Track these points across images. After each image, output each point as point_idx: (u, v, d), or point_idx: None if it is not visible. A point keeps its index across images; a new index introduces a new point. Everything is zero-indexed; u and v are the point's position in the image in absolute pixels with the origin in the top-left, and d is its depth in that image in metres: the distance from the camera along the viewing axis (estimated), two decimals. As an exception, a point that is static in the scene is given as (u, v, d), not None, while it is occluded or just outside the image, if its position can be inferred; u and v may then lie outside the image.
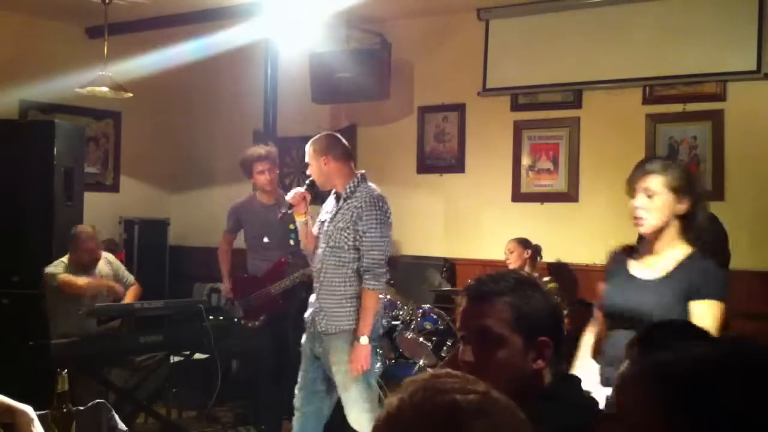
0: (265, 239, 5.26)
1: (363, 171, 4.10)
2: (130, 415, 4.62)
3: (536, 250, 5.31)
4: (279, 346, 5.12)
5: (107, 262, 5.36)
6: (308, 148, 4.06)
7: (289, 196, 4.11)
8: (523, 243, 5.26)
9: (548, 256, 5.49)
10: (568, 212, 5.67)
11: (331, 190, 4.08)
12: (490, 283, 1.82)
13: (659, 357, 1.18)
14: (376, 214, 3.89)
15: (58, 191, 5.58)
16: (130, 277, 5.47)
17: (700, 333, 1.29)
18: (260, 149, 5.33)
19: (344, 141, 4.14)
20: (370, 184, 4.03)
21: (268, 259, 5.22)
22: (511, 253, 5.23)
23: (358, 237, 3.88)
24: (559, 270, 5.53)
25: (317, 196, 4.16)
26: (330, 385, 4.03)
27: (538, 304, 1.80)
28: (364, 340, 3.84)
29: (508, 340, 1.76)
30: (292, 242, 4.86)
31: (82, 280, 5.02)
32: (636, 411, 1.16)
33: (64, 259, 5.17)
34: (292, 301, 5.06)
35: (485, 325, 1.78)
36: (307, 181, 4.08)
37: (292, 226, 4.62)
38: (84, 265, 5.18)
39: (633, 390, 1.18)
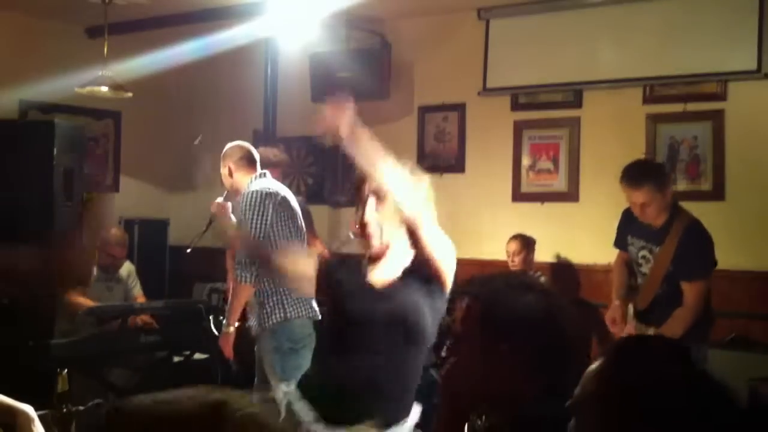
0: None
1: (265, 171, 4.24)
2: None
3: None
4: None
5: (127, 267, 5.49)
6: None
7: (213, 208, 4.39)
8: (528, 244, 5.24)
9: (548, 256, 5.49)
10: (568, 212, 5.66)
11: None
12: (475, 285, 1.86)
13: (623, 374, 1.21)
14: (248, 208, 4.02)
15: (57, 191, 5.57)
16: (139, 291, 5.60)
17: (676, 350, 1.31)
18: (270, 153, 5.00)
19: (250, 149, 4.30)
20: (264, 180, 4.18)
21: None
22: (518, 255, 5.20)
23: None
24: (560, 270, 5.53)
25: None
26: None
27: (511, 309, 1.75)
28: (225, 328, 4.12)
29: (471, 345, 1.78)
30: None
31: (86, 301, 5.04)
32: (593, 424, 1.19)
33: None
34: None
35: (460, 320, 1.84)
36: (226, 191, 4.36)
37: None
38: (104, 266, 5.29)
39: (592, 401, 1.21)
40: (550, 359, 1.74)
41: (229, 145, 4.36)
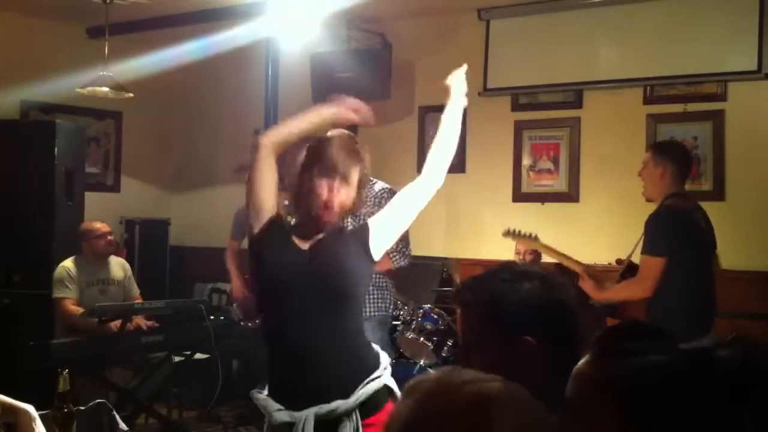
0: None
1: None
2: (131, 415, 4.63)
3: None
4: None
5: (122, 267, 5.40)
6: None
7: None
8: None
9: (548, 256, 5.49)
10: (568, 212, 5.67)
11: None
12: (468, 291, 1.79)
13: (614, 365, 1.19)
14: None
15: (58, 191, 5.58)
16: (137, 290, 5.48)
17: (661, 335, 1.29)
18: None
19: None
20: None
21: None
22: (530, 254, 5.17)
23: None
24: (559, 270, 5.52)
25: None
26: None
27: (523, 301, 1.72)
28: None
29: (484, 345, 1.72)
30: None
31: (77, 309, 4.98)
32: (589, 415, 1.18)
33: (70, 260, 5.14)
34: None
35: (462, 331, 1.78)
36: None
37: None
38: (99, 254, 5.16)
39: (587, 394, 1.20)
40: (553, 347, 1.72)
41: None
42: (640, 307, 3.94)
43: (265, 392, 2.52)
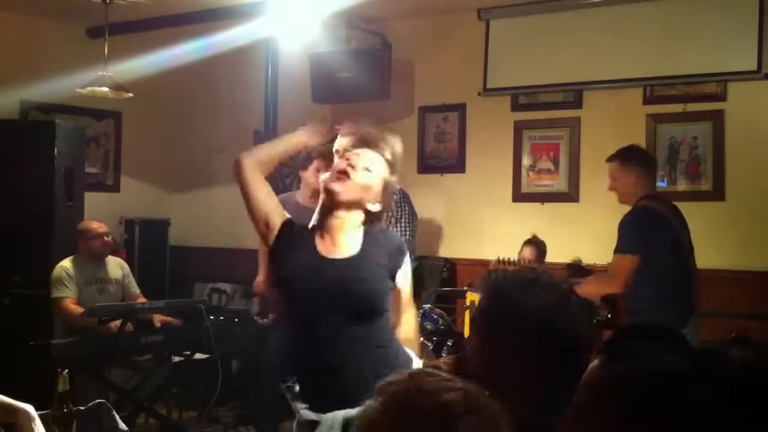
0: None
1: None
2: (131, 415, 4.62)
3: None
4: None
5: (120, 266, 5.38)
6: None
7: None
8: (541, 250, 5.18)
9: (548, 256, 5.49)
10: (568, 212, 5.67)
11: None
12: (494, 279, 1.85)
13: (617, 366, 1.20)
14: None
15: (58, 191, 5.58)
16: (137, 289, 5.46)
17: (671, 337, 1.30)
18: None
19: None
20: None
21: None
22: (533, 263, 5.13)
23: None
24: (559, 270, 5.52)
25: None
26: None
27: (533, 308, 1.73)
28: None
29: (486, 333, 1.78)
30: None
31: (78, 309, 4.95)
32: (592, 416, 1.19)
33: (68, 260, 5.14)
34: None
35: (474, 316, 1.84)
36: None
37: None
38: (96, 254, 5.15)
39: (592, 394, 1.21)
40: (558, 352, 1.73)
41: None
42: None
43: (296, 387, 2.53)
